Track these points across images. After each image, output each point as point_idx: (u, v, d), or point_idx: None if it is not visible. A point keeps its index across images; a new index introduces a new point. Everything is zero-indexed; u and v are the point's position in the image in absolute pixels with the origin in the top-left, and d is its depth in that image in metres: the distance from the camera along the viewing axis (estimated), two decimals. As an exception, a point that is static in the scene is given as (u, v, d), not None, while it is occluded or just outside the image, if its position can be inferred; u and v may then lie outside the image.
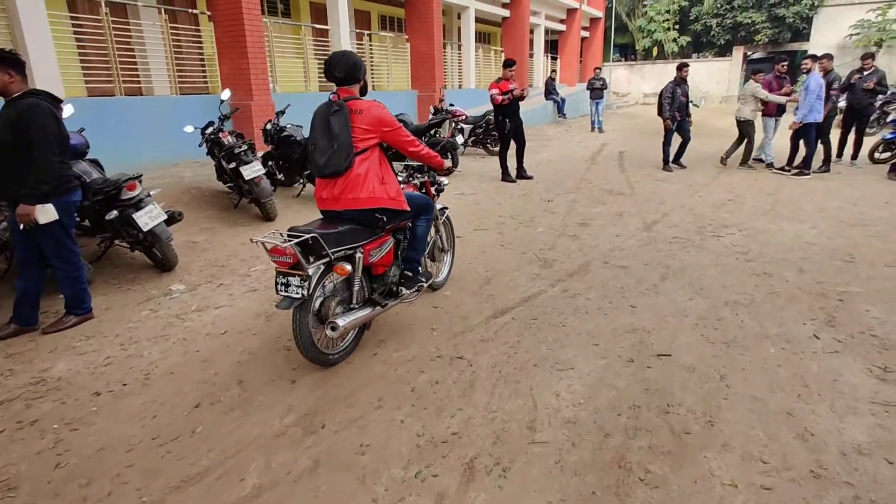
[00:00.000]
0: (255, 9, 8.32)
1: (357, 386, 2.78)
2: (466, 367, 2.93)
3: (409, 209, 3.05)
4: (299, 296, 2.61)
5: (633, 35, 28.01)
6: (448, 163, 3.52)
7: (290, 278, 2.63)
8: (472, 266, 4.52)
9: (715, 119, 19.15)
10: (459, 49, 15.60)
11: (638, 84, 27.38)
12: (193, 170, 7.40)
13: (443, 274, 4.11)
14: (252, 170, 5.60)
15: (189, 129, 6.01)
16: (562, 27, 21.78)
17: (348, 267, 2.79)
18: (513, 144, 8.08)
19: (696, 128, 9.67)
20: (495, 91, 7.54)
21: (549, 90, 16.58)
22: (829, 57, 8.22)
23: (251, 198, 5.91)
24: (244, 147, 5.72)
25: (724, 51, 26.10)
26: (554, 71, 17.54)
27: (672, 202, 6.73)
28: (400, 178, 3.51)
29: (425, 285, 3.38)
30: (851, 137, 8.88)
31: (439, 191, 3.82)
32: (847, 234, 5.24)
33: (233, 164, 5.68)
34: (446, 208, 4.02)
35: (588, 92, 15.02)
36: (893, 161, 8.15)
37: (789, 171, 8.39)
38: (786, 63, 9.06)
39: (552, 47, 23.55)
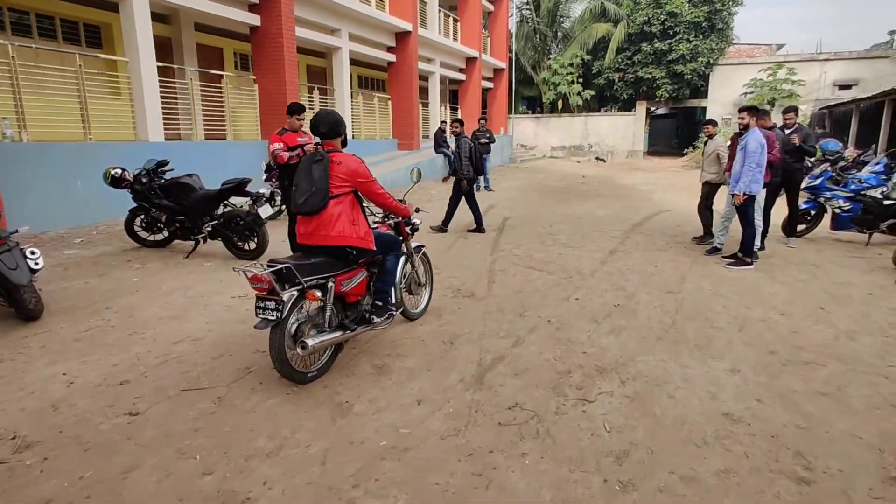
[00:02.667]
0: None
1: None
2: None
3: (374, 249, 3.45)
4: (274, 318, 2.96)
5: (539, 88, 27.40)
6: (412, 209, 4.03)
7: (266, 303, 2.97)
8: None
9: (621, 175, 18.00)
10: (332, 94, 13.51)
11: (545, 137, 26.58)
12: None
13: (420, 306, 4.38)
14: None
15: None
16: (461, 76, 20.42)
17: (319, 294, 3.17)
18: None
19: (597, 187, 7.85)
20: (278, 146, 5.27)
21: (439, 143, 14.72)
22: (765, 113, 6.42)
23: None
24: None
25: (628, 105, 25.92)
26: (444, 122, 15.69)
27: (536, 312, 4.61)
28: (377, 218, 4.03)
29: (395, 314, 3.74)
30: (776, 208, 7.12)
31: (414, 230, 4.16)
32: (786, 391, 3.23)
33: None
34: (423, 246, 4.38)
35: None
36: None
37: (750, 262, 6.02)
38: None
39: (454, 97, 22.18)
